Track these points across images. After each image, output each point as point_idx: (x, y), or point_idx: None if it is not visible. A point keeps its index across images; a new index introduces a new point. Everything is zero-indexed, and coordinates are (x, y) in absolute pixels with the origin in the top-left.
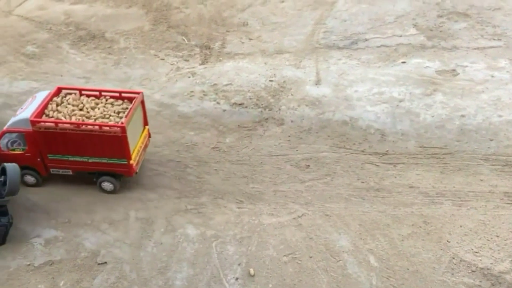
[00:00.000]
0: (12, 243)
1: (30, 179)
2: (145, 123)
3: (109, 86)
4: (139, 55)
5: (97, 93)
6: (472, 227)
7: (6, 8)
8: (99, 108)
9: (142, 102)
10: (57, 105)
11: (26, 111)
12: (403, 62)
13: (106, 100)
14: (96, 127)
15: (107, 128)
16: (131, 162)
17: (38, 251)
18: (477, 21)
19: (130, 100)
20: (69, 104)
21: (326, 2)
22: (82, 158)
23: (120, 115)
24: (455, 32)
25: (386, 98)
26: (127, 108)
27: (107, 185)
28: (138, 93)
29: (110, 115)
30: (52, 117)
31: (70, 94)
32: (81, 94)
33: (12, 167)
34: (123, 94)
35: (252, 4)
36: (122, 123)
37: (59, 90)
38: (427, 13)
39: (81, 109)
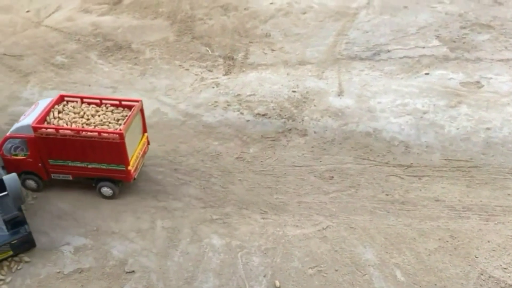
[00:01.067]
0: (42, 250)
1: (31, 183)
2: (144, 130)
3: (136, 96)
4: (164, 65)
5: (98, 101)
6: (500, 243)
7: (36, 19)
8: (99, 116)
9: (141, 110)
10: (59, 112)
11: (29, 118)
12: (427, 74)
13: (107, 108)
14: (95, 133)
15: (106, 134)
16: (129, 168)
17: (67, 258)
18: (500, 33)
19: (130, 108)
20: (70, 111)
21: (347, 14)
22: (82, 164)
23: (120, 122)
24: (479, 43)
25: (409, 109)
26: (126, 116)
27: (106, 191)
28: (137, 101)
29: (110, 122)
30: (54, 124)
31: (72, 101)
32: (82, 102)
33: (10, 180)
34: (123, 102)
35: (274, 16)
36: (120, 130)
37: (61, 97)
38: (450, 24)
39: (82, 116)
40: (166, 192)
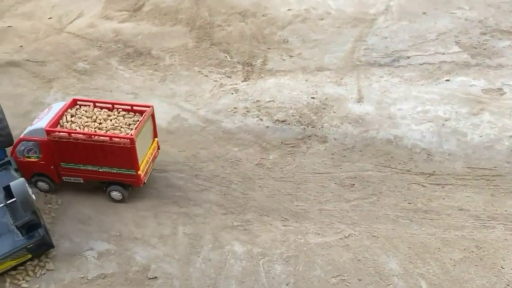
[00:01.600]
0: (66, 255)
1: (43, 185)
2: (155, 135)
3: (156, 102)
4: (184, 71)
5: (110, 105)
6: None
7: (58, 25)
8: (111, 120)
9: (152, 115)
10: (72, 116)
11: (42, 121)
12: (447, 80)
13: (118, 113)
14: (107, 138)
15: (117, 139)
16: (139, 172)
17: (91, 264)
18: None
19: (141, 113)
20: (83, 115)
21: (365, 20)
22: (93, 167)
23: (131, 127)
24: (500, 50)
25: (431, 117)
26: (137, 121)
27: (115, 194)
28: (148, 106)
29: (121, 127)
30: (66, 127)
31: (85, 105)
32: (95, 106)
33: (17, 186)
34: (134, 107)
35: (292, 22)
36: (131, 134)
37: (74, 101)
38: (470, 30)
39: (94, 121)
40: (187, 198)
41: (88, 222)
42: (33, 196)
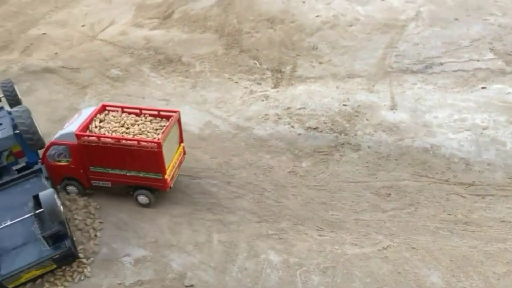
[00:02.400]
0: (103, 260)
1: (72, 189)
2: (181, 140)
3: (187, 109)
4: (214, 78)
5: (137, 111)
6: None
7: (91, 33)
8: (138, 125)
9: (179, 121)
10: (101, 121)
11: (72, 126)
12: (483, 88)
13: (145, 118)
14: (135, 142)
15: (145, 143)
16: (166, 176)
17: (128, 270)
18: None
19: (168, 118)
20: (111, 120)
21: (395, 26)
22: (121, 172)
23: (157, 132)
24: None
25: (468, 125)
26: (164, 126)
27: (142, 199)
28: (175, 112)
29: (148, 132)
30: (96, 132)
31: (113, 111)
32: (123, 111)
33: (45, 197)
34: (161, 113)
35: (320, 28)
36: (158, 139)
37: (103, 107)
38: (504, 37)
39: (122, 126)
40: (221, 205)
41: (124, 227)
42: (61, 207)
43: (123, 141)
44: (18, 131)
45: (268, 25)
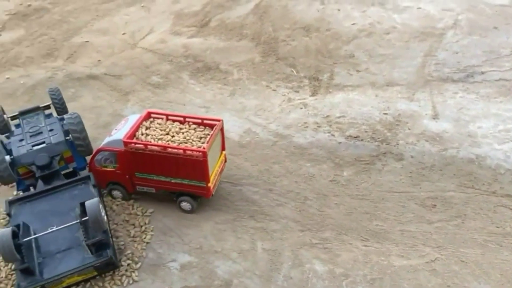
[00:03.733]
0: (150, 265)
1: (117, 194)
2: (223, 148)
3: (227, 116)
4: (252, 85)
5: (181, 118)
6: None
7: (131, 41)
8: (183, 133)
9: (222, 129)
10: (146, 128)
11: (119, 132)
12: None
13: (189, 126)
14: (181, 150)
15: (190, 152)
16: (209, 184)
17: (174, 275)
18: None
19: (211, 127)
20: (157, 128)
21: (433, 34)
22: (166, 178)
23: (202, 140)
24: None
25: None
26: (208, 134)
27: (185, 205)
28: (218, 120)
29: (193, 140)
30: (142, 139)
31: (158, 118)
32: (167, 119)
33: (90, 205)
34: (205, 121)
35: (357, 36)
36: (204, 148)
37: (148, 114)
38: None
39: (167, 133)
40: (263, 213)
41: (169, 233)
42: (105, 217)
43: (169, 149)
44: (69, 137)
45: (303, 33)
